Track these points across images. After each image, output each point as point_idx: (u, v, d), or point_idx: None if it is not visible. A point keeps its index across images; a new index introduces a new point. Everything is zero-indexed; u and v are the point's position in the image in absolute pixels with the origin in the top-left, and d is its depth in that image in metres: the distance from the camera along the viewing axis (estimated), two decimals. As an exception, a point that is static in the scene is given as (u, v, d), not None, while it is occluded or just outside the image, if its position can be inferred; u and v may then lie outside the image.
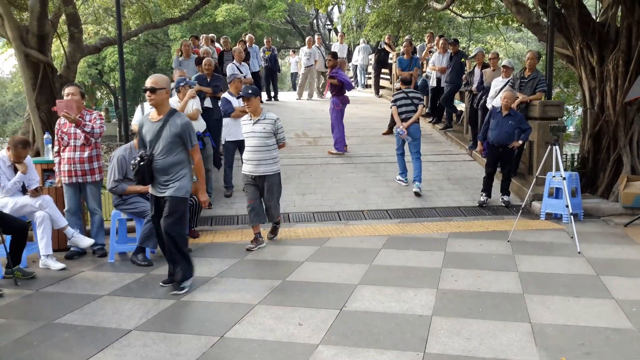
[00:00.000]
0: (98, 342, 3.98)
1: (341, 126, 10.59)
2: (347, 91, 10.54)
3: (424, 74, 13.34)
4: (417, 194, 8.71)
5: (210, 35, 15.20)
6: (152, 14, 15.80)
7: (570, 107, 18.69)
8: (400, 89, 9.27)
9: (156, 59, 28.81)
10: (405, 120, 8.82)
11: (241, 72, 11.06)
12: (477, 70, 10.65)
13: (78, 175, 6.27)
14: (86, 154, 6.27)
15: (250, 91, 6.38)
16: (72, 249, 6.32)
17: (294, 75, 19.60)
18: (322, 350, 3.82)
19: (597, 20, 9.75)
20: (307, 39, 17.56)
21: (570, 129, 22.13)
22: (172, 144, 4.90)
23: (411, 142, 8.86)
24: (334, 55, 10.82)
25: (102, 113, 6.48)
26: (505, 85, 9.03)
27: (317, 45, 16.77)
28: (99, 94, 34.92)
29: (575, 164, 10.68)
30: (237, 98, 8.31)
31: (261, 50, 16.13)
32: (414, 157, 8.90)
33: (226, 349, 3.88)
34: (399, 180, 9.30)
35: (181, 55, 11.74)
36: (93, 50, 13.40)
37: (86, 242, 6.19)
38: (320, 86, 17.26)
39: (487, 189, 8.40)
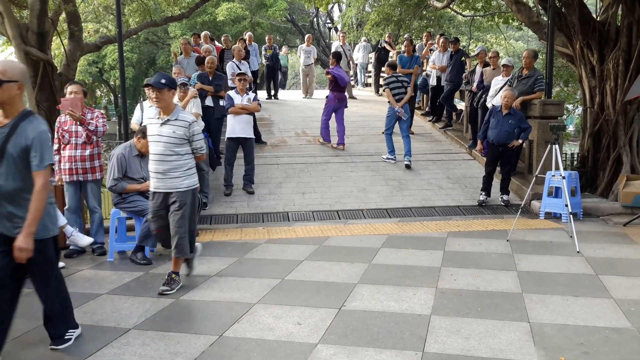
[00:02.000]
0: (97, 340, 3.98)
1: (326, 117, 10.97)
2: (342, 85, 10.76)
3: (424, 73, 13.34)
4: (408, 167, 9.82)
5: (208, 33, 15.19)
6: (152, 12, 15.79)
7: (570, 106, 18.68)
8: (389, 74, 10.35)
9: (156, 57, 28.80)
10: (399, 101, 9.93)
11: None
12: (478, 69, 10.65)
13: (79, 173, 6.28)
14: (87, 152, 6.28)
15: (163, 81, 4.86)
16: (71, 247, 6.32)
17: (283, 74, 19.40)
18: (321, 350, 3.82)
19: (598, 19, 9.75)
20: (306, 36, 17.51)
21: (570, 128, 22.13)
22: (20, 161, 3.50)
23: (402, 121, 9.93)
24: (336, 55, 10.89)
25: (102, 111, 6.48)
26: (505, 84, 9.03)
27: (341, 44, 16.60)
28: (98, 92, 34.94)
29: (575, 163, 10.67)
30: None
31: (263, 48, 16.12)
32: (404, 134, 10.02)
33: (225, 348, 3.88)
34: (387, 158, 10.04)
35: (181, 54, 11.73)
36: (93, 49, 13.41)
37: (85, 240, 6.20)
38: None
39: (486, 188, 8.40)
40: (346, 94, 11.16)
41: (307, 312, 4.49)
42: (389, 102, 10.17)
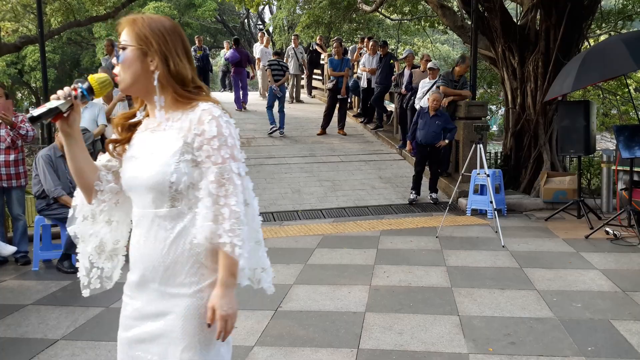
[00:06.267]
0: (22, 354, 3.81)
1: (236, 89, 14.56)
2: (235, 62, 14.24)
3: (355, 75, 13.54)
4: (282, 133, 12.04)
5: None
6: (75, 11, 15.24)
7: (493, 107, 19.45)
8: (273, 58, 12.68)
9: (80, 58, 27.77)
10: (277, 81, 12.00)
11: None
12: (406, 72, 10.91)
13: (3, 179, 6.00)
14: (12, 158, 6.01)
15: None
16: (-8, 257, 6.01)
17: (224, 74, 19.11)
18: (257, 352, 3.82)
19: (518, 23, 10.21)
20: (265, 38, 17.28)
21: (494, 128, 23.02)
22: None
23: (280, 97, 11.94)
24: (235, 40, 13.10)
25: (24, 115, 6.22)
26: (432, 86, 9.31)
27: (294, 47, 16.36)
28: (19, 95, 33.34)
29: (499, 161, 11.13)
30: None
31: (192, 49, 15.86)
32: (280, 109, 12.04)
33: (159, 354, 3.80)
34: (272, 129, 11.98)
35: (106, 55, 11.40)
36: (12, 49, 12.84)
37: (8, 249, 5.89)
38: (294, 92, 16.79)
39: (416, 187, 8.63)
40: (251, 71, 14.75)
41: (243, 315, 4.46)
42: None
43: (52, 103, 1.73)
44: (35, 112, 1.71)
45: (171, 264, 1.79)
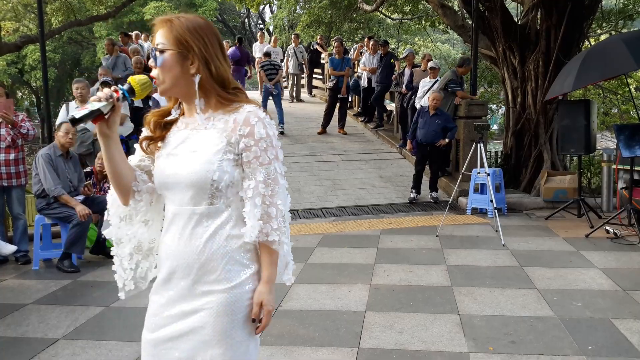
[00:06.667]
0: (22, 354, 3.81)
1: None
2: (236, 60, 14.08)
3: (355, 74, 13.54)
4: (282, 133, 11.91)
5: (136, 32, 14.83)
6: (76, 10, 15.24)
7: (494, 106, 19.45)
8: (264, 60, 12.99)
9: (81, 58, 27.78)
10: (271, 80, 12.31)
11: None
12: (407, 71, 10.91)
13: (3, 178, 6.00)
14: (12, 157, 6.01)
15: None
16: (-8, 256, 6.01)
17: None
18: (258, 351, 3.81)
19: (519, 23, 10.21)
20: (272, 37, 17.39)
21: (494, 127, 23.03)
22: None
23: (274, 96, 12.32)
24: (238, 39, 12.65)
25: (25, 114, 6.24)
26: (432, 85, 9.30)
27: (294, 46, 16.36)
28: (19, 94, 33.35)
29: (499, 160, 11.12)
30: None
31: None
32: (277, 105, 12.26)
33: (159, 353, 3.80)
34: None
35: (106, 54, 11.40)
36: (13, 49, 12.85)
37: (8, 249, 5.89)
38: (294, 92, 16.78)
39: (416, 186, 8.63)
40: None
41: (243, 314, 4.46)
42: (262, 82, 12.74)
43: (94, 105, 1.73)
44: (77, 114, 1.70)
45: (206, 261, 1.80)
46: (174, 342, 1.84)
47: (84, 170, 6.37)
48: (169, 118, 1.92)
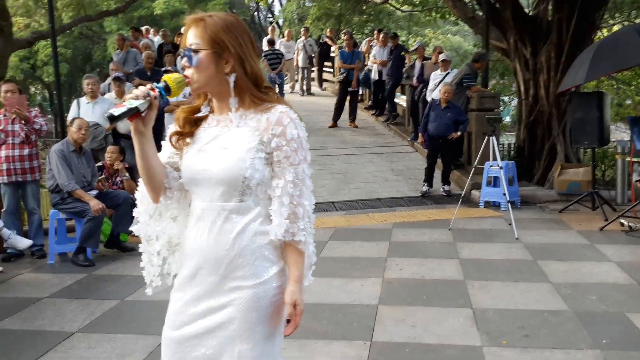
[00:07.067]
0: (39, 346, 3.86)
1: None
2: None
3: (365, 67, 13.49)
4: None
5: (146, 27, 14.88)
6: (86, 6, 15.30)
7: (506, 98, 19.32)
8: (268, 48, 13.76)
9: (92, 53, 27.89)
10: (274, 69, 12.94)
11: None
12: (417, 64, 10.86)
13: (18, 173, 6.06)
14: (26, 152, 6.07)
15: None
16: (8, 251, 6.07)
17: None
18: (271, 344, 3.83)
19: (530, 14, 10.13)
20: (286, 31, 17.38)
21: (507, 119, 22.86)
22: None
23: (280, 84, 13.04)
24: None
25: (38, 109, 6.31)
26: (443, 78, 9.26)
27: (304, 39, 16.33)
28: (32, 89, 33.57)
29: (512, 153, 11.06)
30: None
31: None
32: (279, 93, 11.50)
33: (174, 347, 3.83)
34: None
35: (117, 50, 11.44)
36: (25, 45, 12.90)
37: (24, 243, 5.95)
38: (304, 85, 16.75)
39: (428, 179, 8.61)
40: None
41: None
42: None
43: (132, 103, 1.74)
44: (116, 111, 1.71)
45: (235, 257, 1.82)
46: (200, 339, 1.85)
47: (96, 165, 6.41)
48: (199, 114, 1.93)
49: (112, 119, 1.71)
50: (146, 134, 1.81)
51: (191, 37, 1.81)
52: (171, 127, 1.96)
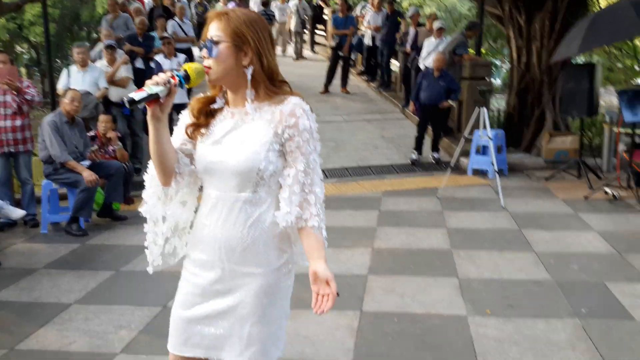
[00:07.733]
0: (38, 318, 3.96)
1: None
2: None
3: (359, 32, 13.36)
4: None
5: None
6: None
7: (497, 61, 19.23)
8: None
9: (80, 13, 27.34)
10: None
11: (183, 31, 10.82)
12: (411, 30, 10.78)
13: (10, 144, 6.07)
14: (18, 123, 6.07)
15: None
16: (1, 220, 6.12)
17: None
18: (263, 314, 3.95)
19: (525, -20, 10.01)
20: None
21: (497, 81, 22.74)
22: None
23: None
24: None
25: (30, 81, 6.30)
26: (437, 46, 9.23)
27: (297, 3, 15.98)
28: (19, 49, 32.96)
29: (501, 119, 11.11)
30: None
31: (192, 5, 15.63)
32: None
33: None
34: None
35: (107, 13, 11.25)
36: (14, 8, 12.65)
37: (18, 213, 5.98)
38: (297, 49, 16.43)
39: (418, 147, 8.67)
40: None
41: (249, 278, 4.59)
42: None
43: (152, 89, 1.78)
44: (136, 96, 1.76)
45: (248, 246, 1.92)
46: (210, 319, 1.99)
47: (88, 135, 6.43)
48: (214, 106, 2.00)
49: (132, 102, 1.76)
50: (162, 120, 1.88)
51: (213, 29, 1.87)
52: (183, 116, 2.04)
